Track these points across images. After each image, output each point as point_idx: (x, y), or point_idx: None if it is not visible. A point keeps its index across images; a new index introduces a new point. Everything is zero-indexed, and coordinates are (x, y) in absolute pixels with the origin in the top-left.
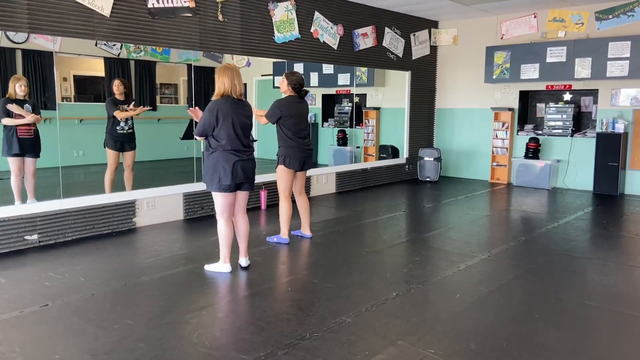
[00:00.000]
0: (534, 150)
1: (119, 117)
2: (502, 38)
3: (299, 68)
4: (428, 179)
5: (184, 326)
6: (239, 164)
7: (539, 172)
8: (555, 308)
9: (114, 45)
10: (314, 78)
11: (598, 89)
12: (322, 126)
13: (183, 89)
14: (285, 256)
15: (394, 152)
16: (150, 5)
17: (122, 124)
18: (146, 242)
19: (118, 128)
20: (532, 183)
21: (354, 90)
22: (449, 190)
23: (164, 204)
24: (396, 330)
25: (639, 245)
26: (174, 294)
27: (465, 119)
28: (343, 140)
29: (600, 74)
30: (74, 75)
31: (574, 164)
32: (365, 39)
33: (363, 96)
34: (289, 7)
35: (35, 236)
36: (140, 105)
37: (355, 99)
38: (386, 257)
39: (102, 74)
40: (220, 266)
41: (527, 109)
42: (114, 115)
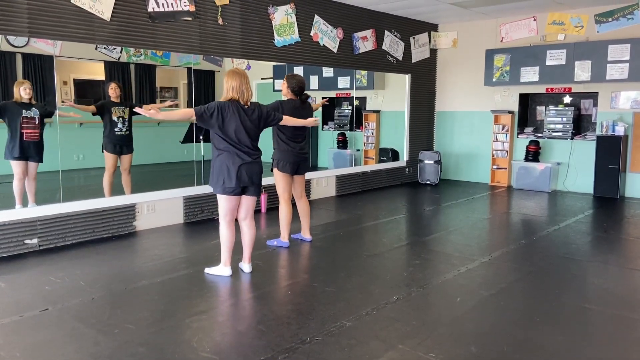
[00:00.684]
0: (534, 153)
1: (142, 112)
2: (502, 41)
3: (299, 71)
4: (428, 182)
5: (185, 330)
6: (244, 167)
7: (539, 175)
8: (555, 311)
9: (114, 49)
10: (314, 81)
11: (598, 92)
12: (322, 129)
13: (183, 93)
14: (285, 260)
15: (394, 155)
16: (150, 9)
17: (120, 125)
18: (146, 246)
19: (116, 130)
20: (533, 186)
21: (354, 93)
22: (449, 193)
23: (164, 207)
24: (397, 334)
25: (639, 248)
26: (175, 298)
27: (465, 121)
28: (343, 143)
29: (600, 76)
30: (74, 79)
31: (574, 166)
32: (365, 42)
33: (363, 99)
34: (289, 11)
35: (35, 240)
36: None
37: (355, 102)
38: (386, 261)
39: (102, 77)
40: (221, 270)
41: (527, 112)
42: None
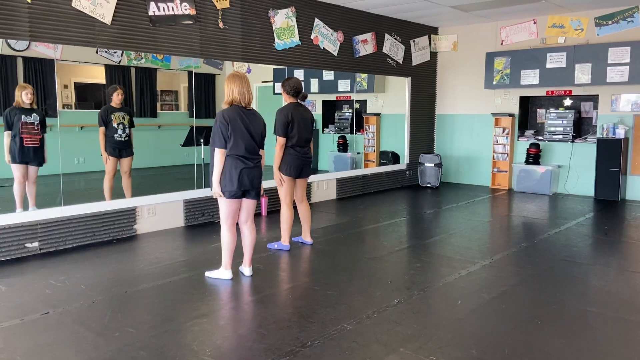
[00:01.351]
0: (534, 156)
1: None
2: (502, 44)
3: (299, 74)
4: (429, 185)
5: (185, 334)
6: (245, 172)
7: (540, 178)
8: (557, 314)
9: (115, 52)
10: (315, 84)
11: (598, 95)
12: (323, 132)
13: (184, 96)
14: (286, 263)
15: (395, 158)
16: (151, 13)
17: (120, 131)
18: (147, 249)
19: (116, 136)
20: (533, 189)
21: (354, 96)
22: (450, 196)
23: (164, 210)
24: (397, 337)
25: None
26: (175, 301)
27: (466, 124)
28: (343, 146)
29: (601, 79)
30: (75, 83)
31: (575, 169)
32: (365, 45)
33: (363, 102)
34: (289, 14)
35: (35, 244)
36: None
37: (356, 105)
38: (387, 264)
39: (103, 81)
40: (222, 273)
41: (528, 115)
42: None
